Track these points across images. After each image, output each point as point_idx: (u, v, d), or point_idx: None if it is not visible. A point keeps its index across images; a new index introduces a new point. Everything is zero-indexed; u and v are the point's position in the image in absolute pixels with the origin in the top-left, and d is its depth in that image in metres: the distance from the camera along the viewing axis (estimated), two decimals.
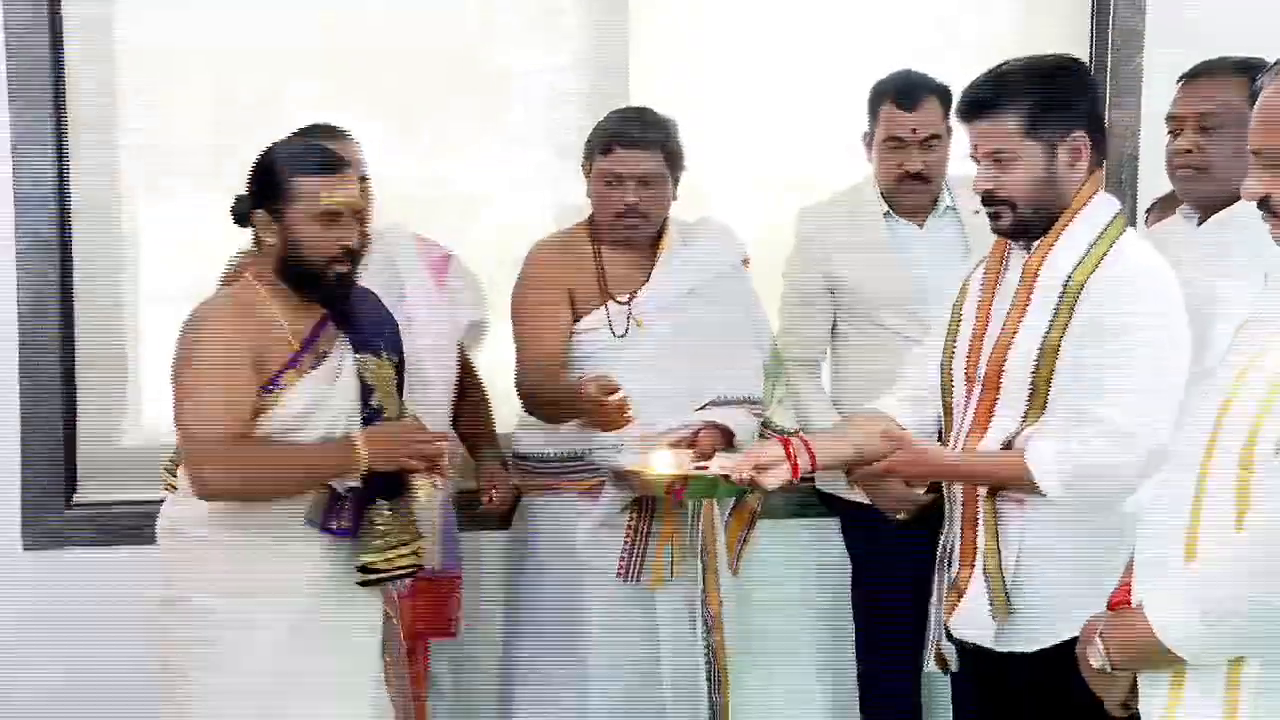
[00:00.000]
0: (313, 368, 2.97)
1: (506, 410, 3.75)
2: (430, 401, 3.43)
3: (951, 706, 3.30)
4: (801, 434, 2.95)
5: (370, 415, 2.97)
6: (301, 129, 3.37)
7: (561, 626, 3.52)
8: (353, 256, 2.98)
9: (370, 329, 3.06)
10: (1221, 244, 3.00)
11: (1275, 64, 2.10)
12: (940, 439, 2.92)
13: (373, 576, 2.98)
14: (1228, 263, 2.81)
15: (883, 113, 3.60)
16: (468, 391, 3.62)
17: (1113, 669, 2.14)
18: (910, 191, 3.62)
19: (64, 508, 3.70)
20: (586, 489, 3.46)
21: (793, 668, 4.17)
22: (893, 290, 3.62)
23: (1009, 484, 2.68)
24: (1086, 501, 2.64)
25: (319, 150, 3.01)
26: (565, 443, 3.52)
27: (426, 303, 3.50)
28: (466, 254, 3.75)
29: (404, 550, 3.02)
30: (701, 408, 3.48)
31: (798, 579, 3.94)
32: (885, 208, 3.68)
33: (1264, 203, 2.10)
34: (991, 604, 2.72)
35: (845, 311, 3.75)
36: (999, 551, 2.74)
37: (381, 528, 2.97)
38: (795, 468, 2.81)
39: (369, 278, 3.33)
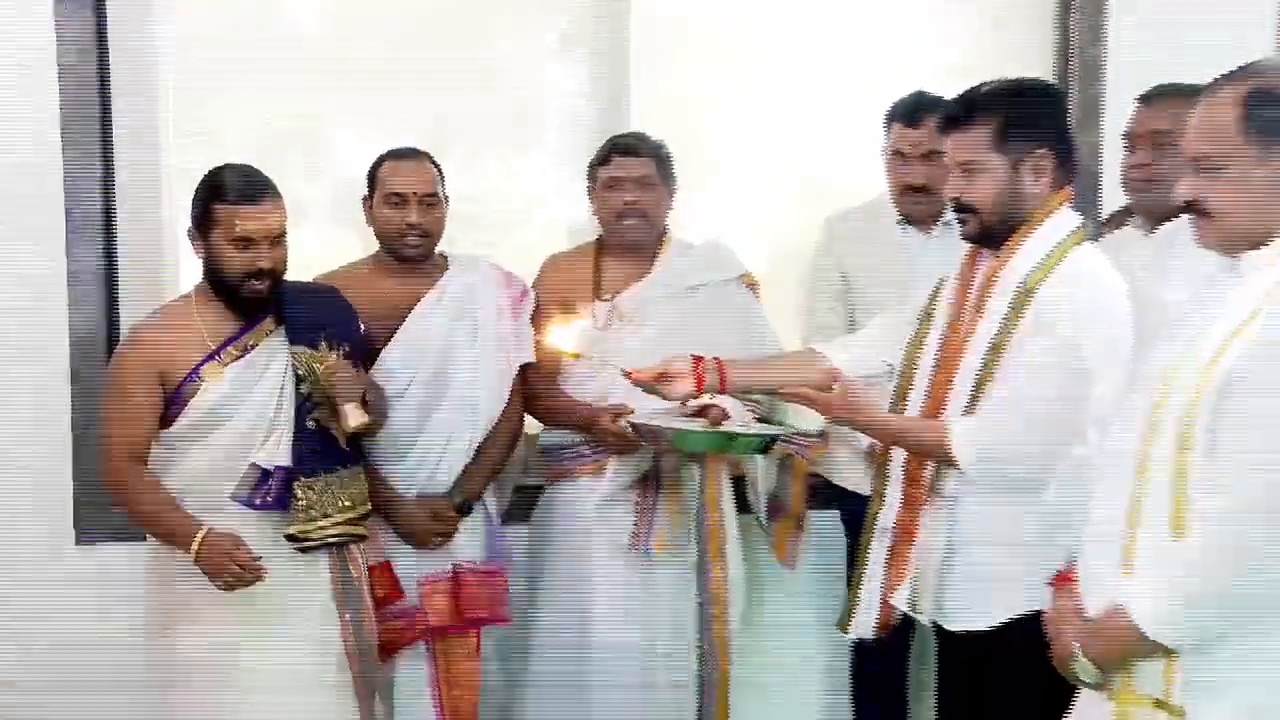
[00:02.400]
0: (236, 359, 3.11)
1: None
2: (474, 431, 3.52)
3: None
4: (719, 359, 3.03)
5: (301, 401, 3.11)
6: (388, 151, 3.49)
7: (571, 597, 3.61)
8: (270, 275, 3.09)
9: (309, 324, 3.16)
10: (1168, 251, 3.05)
11: (1211, 83, 2.17)
12: None
13: (301, 544, 3.11)
14: (1173, 267, 2.85)
15: (892, 130, 3.70)
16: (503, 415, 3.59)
17: (1104, 676, 2.19)
18: (914, 202, 3.70)
19: (111, 506, 3.55)
20: (596, 470, 3.56)
21: (791, 647, 4.20)
22: (897, 288, 3.60)
23: (928, 449, 2.73)
24: (1007, 486, 2.66)
25: (241, 180, 3.09)
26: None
27: (495, 339, 3.56)
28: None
29: (330, 521, 3.13)
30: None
31: (799, 567, 3.92)
32: (899, 215, 3.76)
33: (1193, 205, 2.17)
34: (931, 582, 2.76)
35: (857, 310, 3.81)
36: (934, 535, 2.77)
37: (303, 501, 3.09)
38: (700, 379, 2.98)
39: (444, 306, 3.51)
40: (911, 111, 3.63)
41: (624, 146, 3.60)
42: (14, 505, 3.71)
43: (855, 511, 3.60)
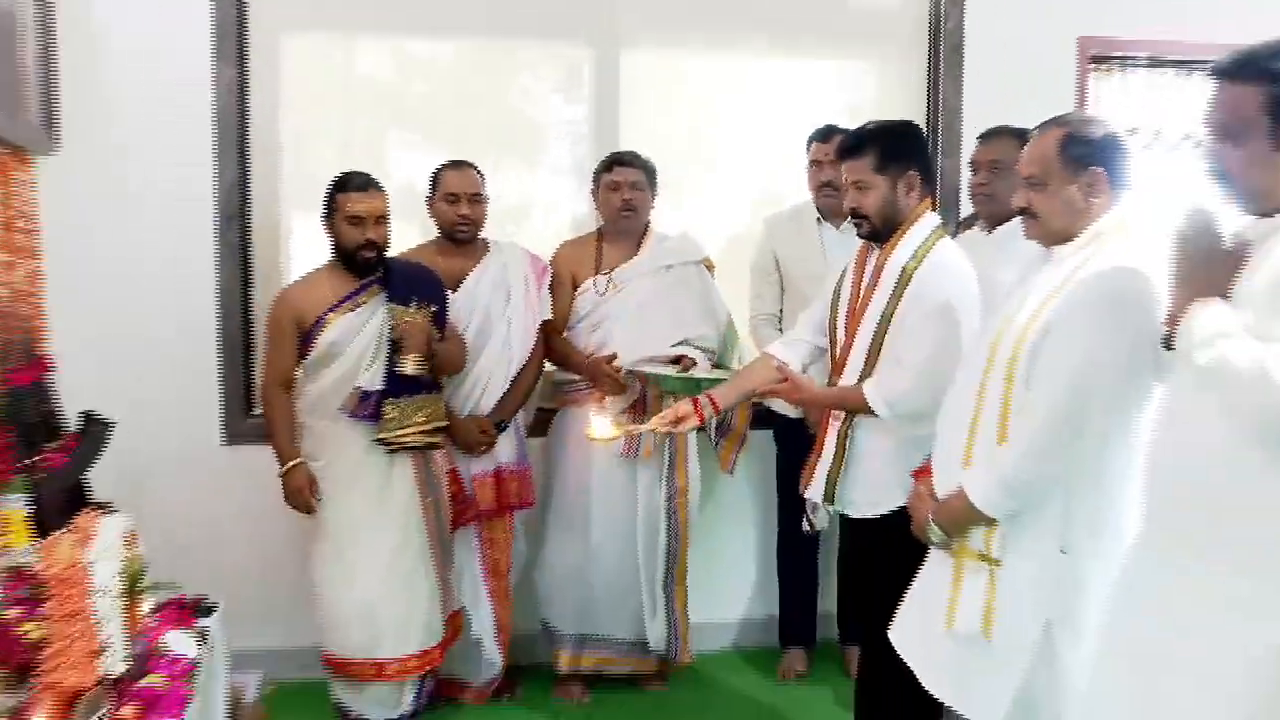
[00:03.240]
0: (349, 312, 3.33)
1: None
2: (508, 369, 3.63)
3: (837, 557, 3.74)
4: (709, 393, 3.02)
5: (391, 342, 3.32)
6: (446, 162, 3.63)
7: (577, 489, 3.76)
8: (374, 246, 3.32)
9: (404, 289, 3.35)
10: (1002, 247, 3.20)
11: (1039, 126, 2.36)
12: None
13: (387, 446, 3.35)
14: (1005, 259, 2.95)
15: (811, 146, 3.97)
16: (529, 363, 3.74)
17: (947, 536, 2.38)
18: (827, 196, 3.87)
19: (245, 417, 4.01)
20: (597, 400, 3.73)
21: (733, 529, 4.34)
22: (813, 269, 3.80)
23: (854, 407, 2.83)
24: (904, 418, 2.75)
25: (355, 176, 3.34)
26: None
27: (524, 302, 3.69)
28: None
29: (408, 430, 3.32)
30: (675, 346, 3.70)
31: (741, 470, 4.00)
32: (817, 215, 3.96)
33: (1024, 211, 2.37)
34: (829, 483, 2.89)
35: (786, 284, 3.96)
36: (837, 447, 2.88)
37: (389, 414, 3.33)
38: (700, 416, 3.01)
39: (487, 278, 3.61)
40: (824, 133, 3.91)
41: (622, 159, 3.80)
42: (176, 416, 3.91)
43: (784, 429, 4.06)
